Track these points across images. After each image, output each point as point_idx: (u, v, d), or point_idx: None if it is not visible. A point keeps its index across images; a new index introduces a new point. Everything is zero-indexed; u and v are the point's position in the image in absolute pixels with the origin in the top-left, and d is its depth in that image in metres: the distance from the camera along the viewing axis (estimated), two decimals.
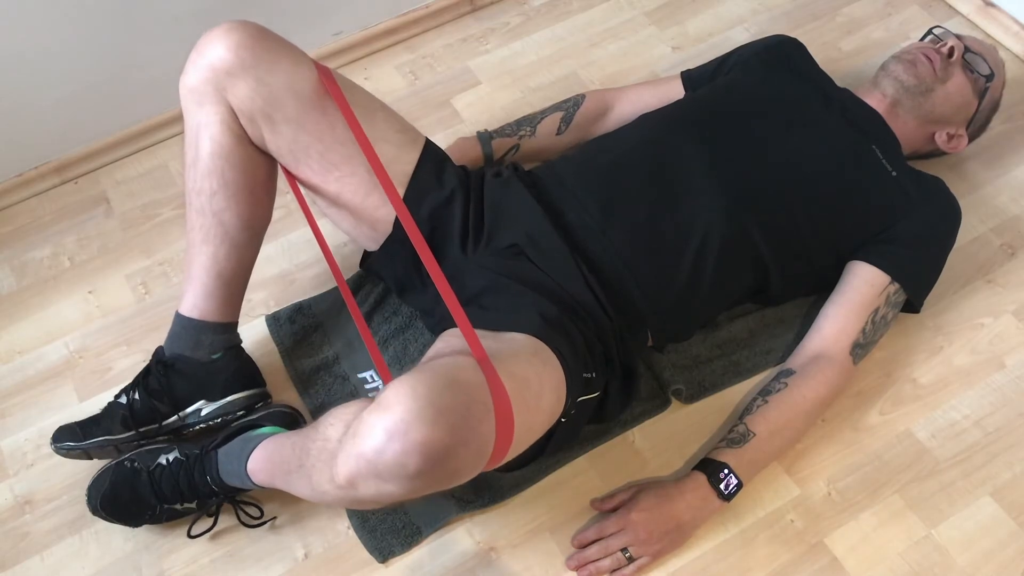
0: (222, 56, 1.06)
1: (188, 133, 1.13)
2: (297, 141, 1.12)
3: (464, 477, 0.82)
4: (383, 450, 0.77)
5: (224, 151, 1.10)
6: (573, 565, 1.14)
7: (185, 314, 1.17)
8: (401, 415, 0.77)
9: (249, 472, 1.07)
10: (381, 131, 1.15)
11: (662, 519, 1.12)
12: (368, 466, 0.78)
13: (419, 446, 0.76)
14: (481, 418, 0.81)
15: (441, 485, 0.82)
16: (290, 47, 1.11)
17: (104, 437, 1.17)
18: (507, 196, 1.20)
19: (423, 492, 0.82)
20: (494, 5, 1.82)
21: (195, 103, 1.10)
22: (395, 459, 0.77)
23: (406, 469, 0.77)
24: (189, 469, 1.12)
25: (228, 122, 1.10)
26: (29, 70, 1.43)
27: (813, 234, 1.22)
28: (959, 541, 1.16)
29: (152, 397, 1.17)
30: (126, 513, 1.14)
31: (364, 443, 0.78)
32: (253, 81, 1.07)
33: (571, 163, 1.26)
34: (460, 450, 0.78)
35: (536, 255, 1.13)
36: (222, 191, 1.12)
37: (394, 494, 0.80)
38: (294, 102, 1.09)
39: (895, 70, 1.34)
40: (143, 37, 1.49)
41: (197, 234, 1.14)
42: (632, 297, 1.14)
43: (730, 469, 1.13)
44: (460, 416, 0.79)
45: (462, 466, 0.80)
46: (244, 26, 1.08)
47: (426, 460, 0.77)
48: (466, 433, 0.79)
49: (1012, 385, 1.29)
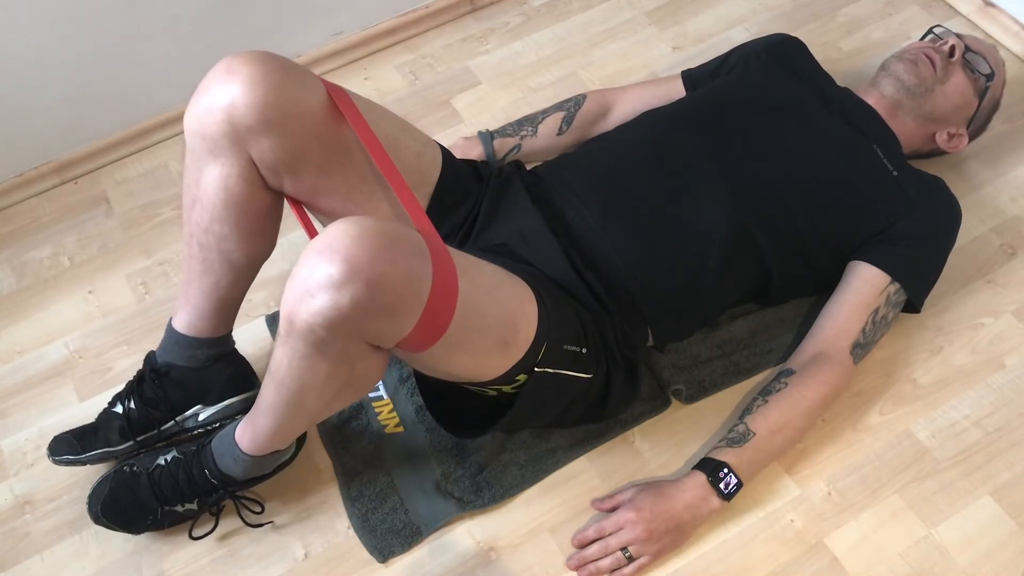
0: (244, 112, 0.96)
1: (193, 172, 1.04)
2: (319, 184, 1.07)
3: (400, 312, 0.84)
4: (312, 266, 0.81)
5: (239, 202, 1.04)
6: (573, 565, 1.14)
7: (180, 331, 1.14)
8: (329, 235, 0.82)
9: (236, 439, 1.08)
10: (404, 159, 1.11)
11: (661, 518, 1.12)
12: (299, 286, 0.82)
13: (343, 254, 0.80)
14: (413, 252, 0.84)
15: (375, 311, 0.82)
16: (312, 84, 1.01)
17: (103, 449, 1.17)
18: (503, 196, 1.20)
19: (359, 316, 0.82)
20: (494, 5, 1.82)
21: (207, 151, 1.01)
22: (322, 270, 0.80)
23: (331, 278, 0.80)
24: (187, 465, 1.12)
25: (246, 174, 1.02)
26: (29, 70, 1.43)
27: (814, 233, 1.22)
28: (959, 541, 1.16)
29: (148, 406, 1.16)
30: (127, 519, 1.14)
31: (296, 270, 0.83)
32: (278, 137, 0.99)
33: (572, 162, 1.26)
34: (387, 268, 0.81)
35: (528, 253, 1.13)
36: (233, 235, 1.06)
37: (325, 311, 0.81)
38: (318, 148, 1.03)
39: (896, 70, 1.34)
40: (143, 37, 1.49)
41: (198, 263, 1.10)
42: (632, 296, 1.14)
43: (730, 468, 1.13)
44: (388, 239, 0.82)
45: (392, 288, 0.82)
46: (267, 74, 0.96)
47: (351, 267, 0.80)
48: (393, 253, 0.82)
49: (1012, 385, 1.29)
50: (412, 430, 1.26)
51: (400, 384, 1.30)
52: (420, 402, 1.26)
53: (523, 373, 1.02)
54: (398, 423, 1.27)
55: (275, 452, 1.10)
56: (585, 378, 1.09)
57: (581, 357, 1.06)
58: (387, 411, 1.28)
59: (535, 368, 1.01)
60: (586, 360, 1.07)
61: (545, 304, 1.01)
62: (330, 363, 0.90)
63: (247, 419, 1.08)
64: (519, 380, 1.03)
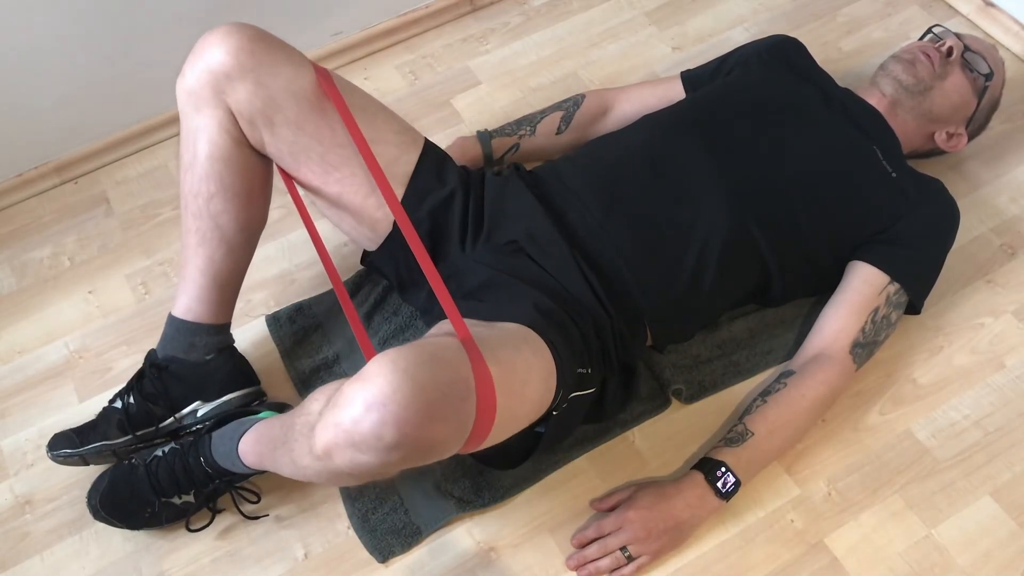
0: (221, 60, 1.06)
1: (185, 136, 1.12)
2: (297, 143, 1.11)
3: (441, 454, 0.83)
4: (360, 420, 0.77)
5: (222, 154, 1.10)
6: (572, 565, 1.14)
7: (179, 316, 1.17)
8: (380, 386, 0.77)
9: (240, 453, 1.08)
10: (381, 132, 1.15)
11: (660, 517, 1.12)
12: (345, 436, 0.79)
13: (396, 418, 0.76)
14: (462, 396, 0.81)
15: (417, 460, 0.82)
16: (289, 49, 1.10)
17: (102, 442, 1.17)
18: (507, 194, 1.20)
19: (400, 466, 0.82)
20: (494, 5, 1.82)
21: (192, 106, 1.09)
22: (372, 430, 0.77)
23: (382, 441, 0.77)
24: (184, 455, 1.13)
25: (226, 125, 1.09)
26: (29, 70, 1.43)
27: (814, 234, 1.22)
28: (959, 541, 1.16)
29: (147, 400, 1.17)
30: (126, 512, 1.14)
31: (342, 413, 0.79)
32: (252, 84, 1.06)
33: (573, 163, 1.26)
34: (438, 426, 0.79)
35: (535, 252, 1.14)
36: (220, 194, 1.11)
37: (370, 465, 0.80)
38: (294, 104, 1.09)
39: (894, 70, 1.34)
40: (143, 37, 1.49)
41: (192, 237, 1.14)
42: (633, 297, 1.14)
43: (728, 468, 1.13)
44: (440, 391, 0.79)
45: (439, 442, 0.80)
46: (242, 29, 1.07)
47: (402, 433, 0.77)
48: (445, 409, 0.79)
49: (1012, 385, 1.29)
50: None
51: None
52: None
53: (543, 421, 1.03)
54: None
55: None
56: (591, 392, 1.10)
57: (587, 376, 1.07)
58: None
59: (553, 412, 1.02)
60: (592, 377, 1.09)
61: (559, 355, 0.98)
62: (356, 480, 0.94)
63: (255, 447, 1.07)
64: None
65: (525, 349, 0.94)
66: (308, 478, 0.95)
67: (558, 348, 0.98)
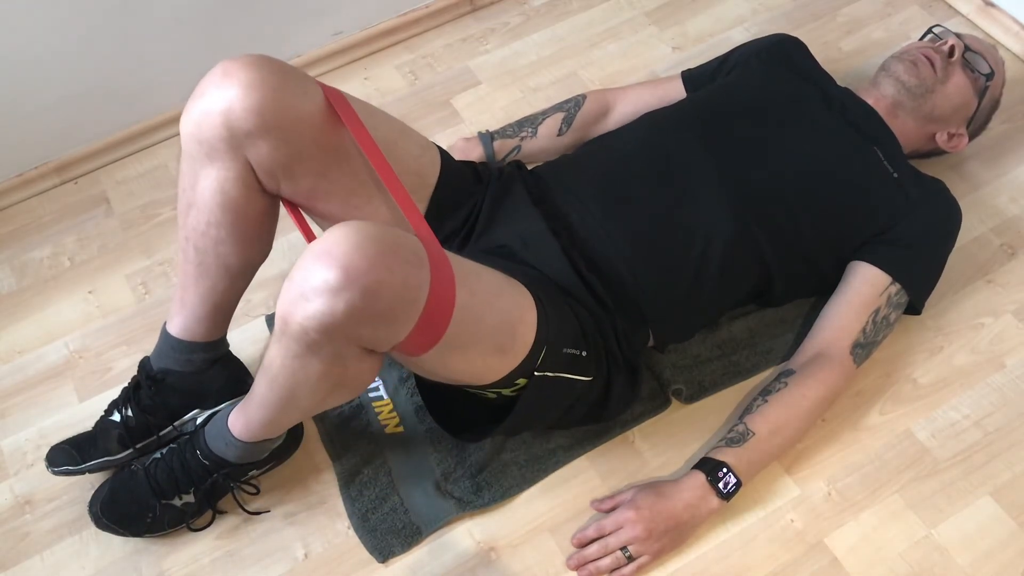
0: (241, 116, 0.95)
1: (190, 176, 1.04)
2: (317, 189, 1.06)
3: (395, 319, 0.84)
4: (309, 270, 0.81)
5: (236, 206, 1.03)
6: (573, 564, 1.14)
7: (175, 335, 1.14)
8: (328, 240, 0.81)
9: (229, 426, 1.08)
10: (402, 161, 1.11)
11: (661, 517, 1.12)
12: (295, 289, 0.82)
13: (340, 261, 0.80)
14: (411, 260, 0.83)
15: (370, 318, 0.83)
16: (310, 89, 1.00)
17: (103, 459, 1.16)
18: (504, 198, 1.20)
19: (353, 322, 0.82)
20: (494, 5, 1.82)
21: (204, 155, 1.00)
22: (319, 275, 0.80)
23: (328, 284, 0.80)
24: (181, 452, 1.13)
25: (244, 178, 1.02)
26: (29, 70, 1.43)
27: (814, 234, 1.22)
28: (959, 541, 1.16)
29: (146, 412, 1.16)
30: (127, 518, 1.14)
31: (294, 272, 0.83)
32: (275, 141, 0.98)
33: (573, 163, 1.26)
34: (384, 274, 0.81)
35: (529, 256, 1.13)
36: (229, 239, 1.06)
37: (320, 315, 0.81)
38: (317, 154, 1.02)
39: (896, 70, 1.34)
40: (144, 37, 1.49)
41: (193, 267, 1.09)
42: (634, 297, 1.14)
43: (729, 468, 1.13)
44: (387, 246, 0.82)
45: (388, 296, 0.82)
46: (263, 78, 0.96)
47: (347, 274, 0.79)
48: (391, 261, 0.81)
49: (1012, 385, 1.29)
50: (412, 430, 1.26)
51: (400, 384, 1.30)
52: (420, 402, 1.26)
53: (522, 377, 1.02)
54: (398, 423, 1.27)
55: (267, 439, 1.11)
56: (585, 380, 1.09)
57: (581, 360, 1.06)
58: (387, 411, 1.28)
59: (534, 372, 1.01)
60: (586, 363, 1.07)
61: (545, 309, 1.01)
62: (323, 364, 0.90)
63: (240, 407, 1.08)
64: (519, 384, 1.03)
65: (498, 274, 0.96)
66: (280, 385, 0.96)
67: (543, 303, 0.99)
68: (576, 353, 1.05)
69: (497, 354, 0.97)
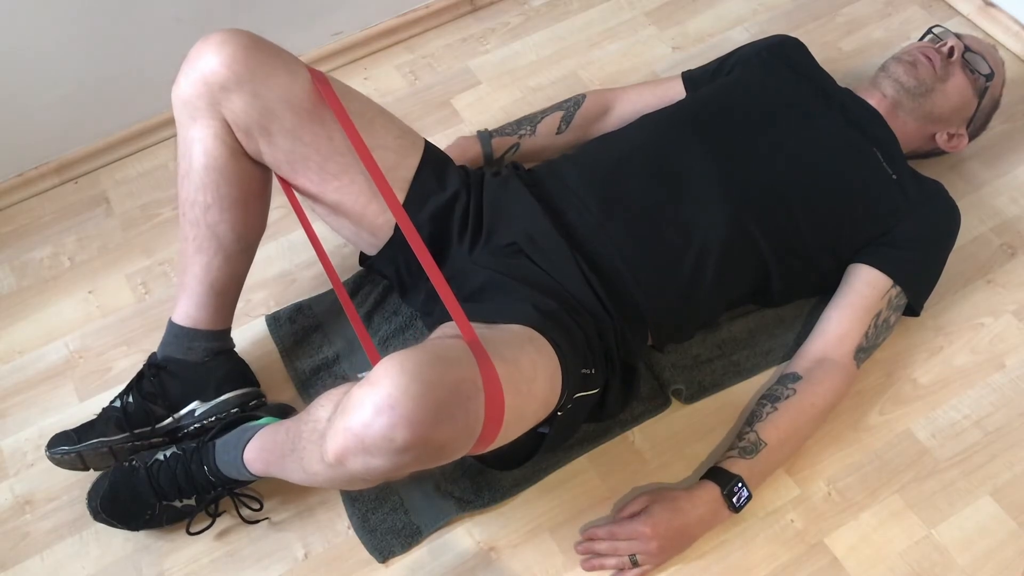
0: (215, 70, 1.03)
1: (181, 144, 1.11)
2: (294, 152, 1.10)
3: (452, 455, 0.82)
4: (370, 424, 0.77)
5: (218, 165, 1.09)
6: (581, 550, 1.15)
7: (178, 322, 1.17)
8: (389, 389, 0.77)
9: (245, 461, 1.08)
10: (380, 138, 1.14)
11: (674, 533, 1.12)
12: (356, 440, 0.79)
13: (406, 420, 0.76)
14: (470, 395, 0.81)
15: (428, 461, 0.82)
16: (285, 56, 1.08)
17: (99, 439, 1.17)
18: (506, 195, 1.20)
19: (411, 468, 0.82)
20: (494, 5, 1.82)
21: (188, 116, 1.08)
22: (382, 433, 0.77)
23: (393, 443, 0.77)
24: (186, 462, 1.12)
25: (222, 136, 1.08)
26: (29, 70, 1.43)
27: (813, 235, 1.22)
28: (959, 541, 1.16)
29: (146, 400, 1.17)
30: (126, 513, 1.14)
31: (352, 418, 0.78)
32: (248, 95, 1.04)
33: (572, 163, 1.26)
34: (447, 425, 0.79)
35: (535, 253, 1.13)
36: (216, 204, 1.11)
37: (382, 469, 0.80)
38: (291, 114, 1.07)
39: (896, 71, 1.34)
40: (144, 37, 1.49)
41: (190, 244, 1.13)
42: (633, 297, 1.14)
43: (743, 482, 1.13)
44: (448, 390, 0.79)
45: (449, 442, 0.80)
46: (237, 36, 1.05)
47: (413, 434, 0.77)
48: (454, 408, 0.79)
49: (1012, 385, 1.29)
50: None
51: None
52: None
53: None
54: None
55: None
56: (594, 393, 1.10)
57: (590, 377, 1.07)
58: None
59: (557, 412, 1.01)
60: (595, 377, 1.08)
61: (564, 355, 0.98)
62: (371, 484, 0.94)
63: (261, 455, 1.07)
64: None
65: (529, 348, 0.94)
66: (319, 484, 0.96)
67: (562, 348, 0.98)
68: (587, 372, 1.06)
69: (533, 424, 0.97)
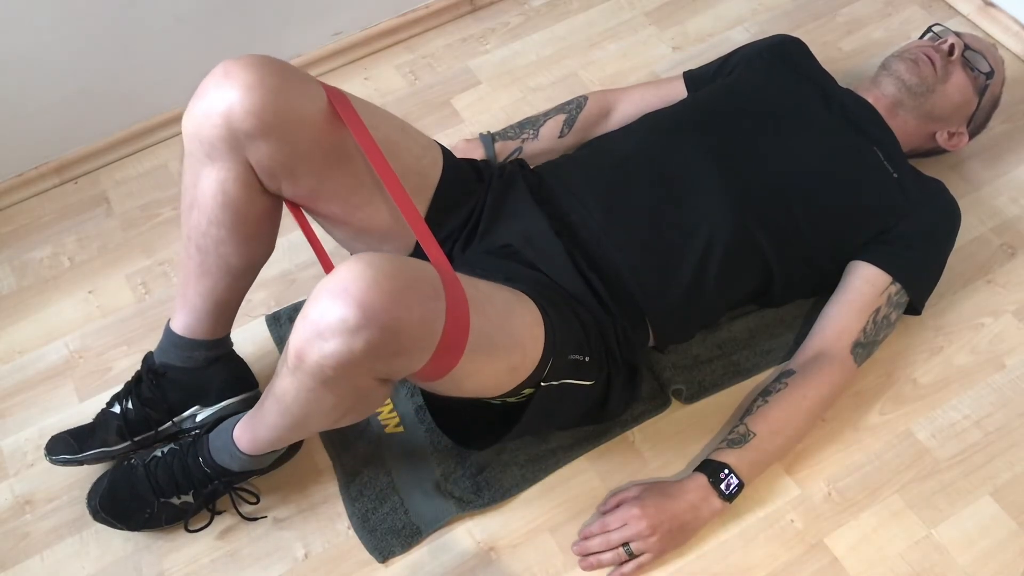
0: (242, 117, 0.95)
1: (191, 175, 1.04)
2: (318, 190, 1.06)
3: (411, 351, 0.83)
4: (326, 308, 0.79)
5: (237, 205, 1.03)
6: (576, 551, 1.15)
7: (178, 332, 1.15)
8: (343, 275, 0.80)
9: (235, 439, 1.08)
10: (403, 159, 1.10)
11: (664, 515, 1.12)
12: (312, 327, 0.80)
13: (357, 300, 0.78)
14: (428, 295, 0.82)
15: (388, 355, 0.82)
16: (312, 90, 1.00)
17: (100, 449, 1.17)
18: (507, 196, 1.20)
19: (371, 360, 0.82)
20: (494, 5, 1.82)
21: (204, 154, 1.00)
22: (337, 314, 0.79)
23: (346, 323, 0.78)
24: (183, 456, 1.12)
25: (244, 178, 1.02)
26: (29, 70, 1.43)
27: (814, 234, 1.22)
28: (959, 541, 1.16)
29: (146, 406, 1.16)
30: (125, 512, 1.14)
31: (309, 308, 0.81)
32: (276, 141, 0.98)
33: (575, 163, 1.26)
34: (402, 311, 0.80)
35: (531, 254, 1.13)
36: (230, 239, 1.06)
37: (336, 354, 0.80)
38: (318, 155, 1.02)
39: (897, 70, 1.34)
40: (144, 37, 1.49)
41: (195, 266, 1.09)
42: (634, 297, 1.14)
43: (731, 469, 1.13)
44: (404, 282, 0.81)
45: (405, 330, 0.81)
46: (262, 79, 0.95)
47: (364, 314, 0.78)
48: (409, 296, 0.80)
49: (1012, 385, 1.29)
50: (412, 430, 1.26)
51: (400, 384, 1.30)
52: (420, 402, 1.26)
53: (529, 387, 1.02)
54: (398, 423, 1.27)
55: (272, 451, 1.11)
56: (587, 385, 1.09)
57: (584, 365, 1.07)
58: (387, 411, 1.28)
59: (541, 383, 1.02)
60: (589, 367, 1.08)
61: (551, 319, 1.00)
62: (338, 397, 0.91)
63: (247, 422, 1.08)
64: (525, 393, 1.03)
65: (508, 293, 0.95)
66: (293, 414, 0.96)
67: (549, 315, 0.99)
68: (580, 359, 1.06)
69: (508, 372, 0.97)
